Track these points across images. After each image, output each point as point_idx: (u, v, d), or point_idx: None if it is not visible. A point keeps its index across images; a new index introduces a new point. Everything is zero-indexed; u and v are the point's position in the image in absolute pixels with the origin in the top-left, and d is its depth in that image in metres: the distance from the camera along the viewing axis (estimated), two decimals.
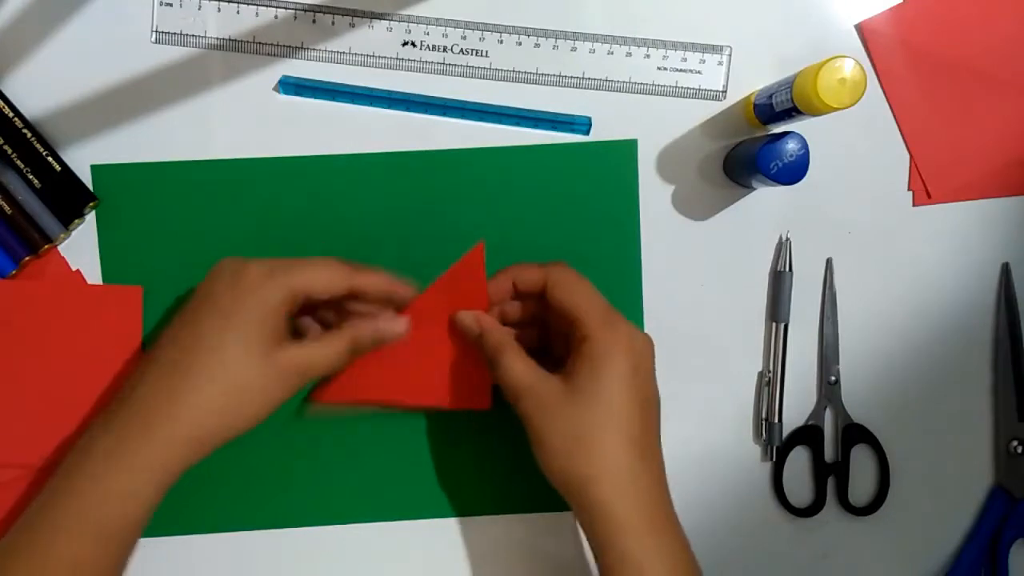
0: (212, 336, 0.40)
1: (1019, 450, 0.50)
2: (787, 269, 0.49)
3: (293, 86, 0.48)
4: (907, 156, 0.49)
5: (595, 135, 0.49)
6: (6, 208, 0.47)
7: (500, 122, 0.49)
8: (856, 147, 0.49)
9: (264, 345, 0.40)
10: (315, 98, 0.48)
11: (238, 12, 0.48)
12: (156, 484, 0.39)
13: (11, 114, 0.47)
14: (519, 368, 0.41)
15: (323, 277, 0.41)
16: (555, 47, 0.48)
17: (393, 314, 0.45)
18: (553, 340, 0.46)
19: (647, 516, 0.39)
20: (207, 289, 0.41)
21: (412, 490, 0.50)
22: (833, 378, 0.50)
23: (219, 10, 0.48)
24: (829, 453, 0.50)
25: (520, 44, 0.48)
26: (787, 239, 0.49)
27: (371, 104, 0.48)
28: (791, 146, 0.44)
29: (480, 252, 0.44)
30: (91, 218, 0.48)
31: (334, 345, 0.42)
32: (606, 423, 0.39)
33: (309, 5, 0.48)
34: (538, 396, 0.40)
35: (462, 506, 0.50)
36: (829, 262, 0.50)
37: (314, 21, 0.48)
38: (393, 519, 0.50)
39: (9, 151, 0.47)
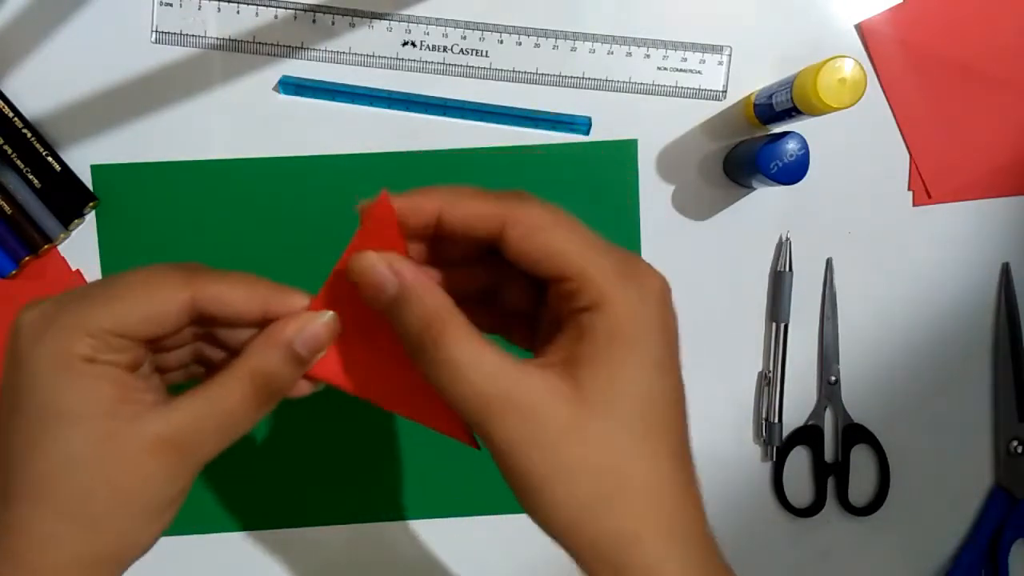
0: (20, 442, 0.26)
1: (1019, 450, 0.50)
2: (787, 269, 0.49)
3: (293, 86, 0.48)
4: (907, 156, 0.49)
5: (595, 135, 0.49)
6: (6, 208, 0.47)
7: (500, 122, 0.49)
8: (856, 147, 0.49)
9: (98, 428, 0.25)
10: (315, 98, 0.48)
11: (238, 12, 0.48)
12: None
13: (11, 114, 0.47)
14: (484, 362, 0.25)
15: (151, 306, 0.26)
16: (555, 47, 0.48)
17: (301, 307, 0.28)
18: (508, 321, 0.30)
19: (702, 555, 0.26)
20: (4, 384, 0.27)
21: (411, 490, 0.50)
22: (833, 378, 0.50)
23: (219, 10, 0.48)
24: (829, 453, 0.50)
25: (520, 44, 0.48)
26: (787, 239, 0.49)
27: (371, 104, 0.48)
28: (791, 146, 0.44)
29: (385, 203, 0.28)
30: (91, 218, 0.48)
31: (228, 390, 0.27)
32: (647, 439, 0.25)
33: (309, 5, 0.48)
34: (527, 415, 0.24)
35: (461, 506, 0.50)
36: (829, 262, 0.50)
37: (314, 21, 0.48)
38: (393, 519, 0.50)
39: (9, 151, 0.47)
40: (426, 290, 0.26)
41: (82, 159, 0.48)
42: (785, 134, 0.44)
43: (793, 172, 0.44)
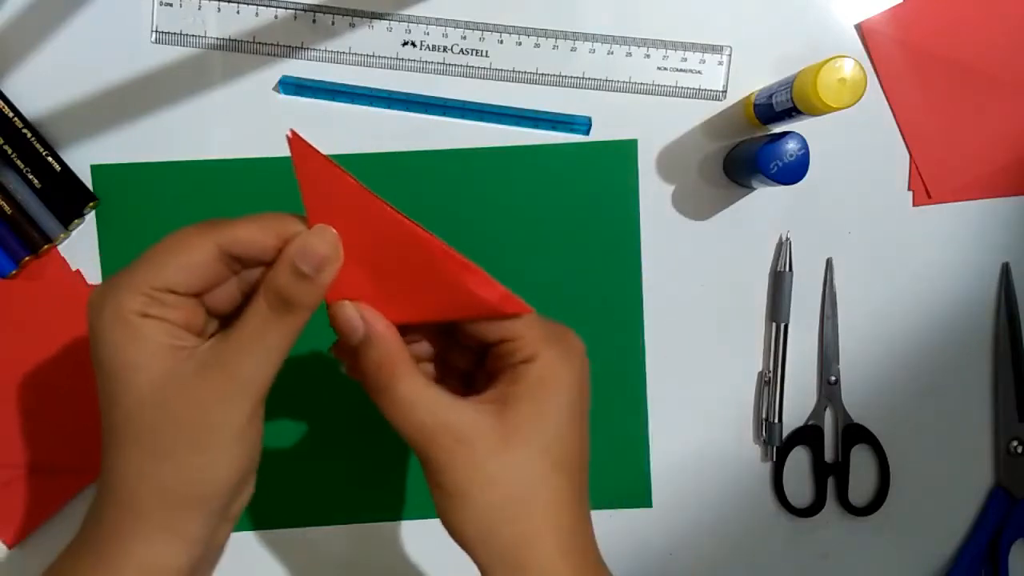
0: (103, 395, 0.30)
1: (1019, 450, 0.50)
2: (787, 269, 0.49)
3: (293, 86, 0.48)
4: (907, 156, 0.49)
5: (595, 135, 0.49)
6: (6, 208, 0.47)
7: (500, 122, 0.49)
8: (856, 147, 0.49)
9: (157, 372, 0.29)
10: (315, 98, 0.48)
11: (238, 12, 0.48)
12: None
13: (11, 114, 0.47)
14: (425, 398, 0.30)
15: (182, 258, 0.30)
16: (555, 47, 0.48)
17: (300, 229, 0.30)
18: (451, 352, 0.35)
19: (592, 566, 0.32)
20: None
21: (412, 490, 0.50)
22: (833, 378, 0.50)
23: (219, 10, 0.48)
24: (829, 453, 0.50)
25: (520, 44, 0.48)
26: (787, 239, 0.49)
27: (371, 104, 0.48)
28: (791, 146, 0.44)
29: (299, 140, 0.32)
30: (91, 218, 0.48)
31: (251, 315, 0.30)
32: (555, 469, 0.31)
33: (309, 5, 0.48)
34: (460, 439, 0.30)
35: None
36: (829, 262, 0.50)
37: (314, 21, 0.48)
38: (393, 519, 0.50)
39: (9, 151, 0.47)
40: (383, 337, 0.31)
41: (82, 159, 0.48)
42: (785, 134, 0.44)
43: (793, 172, 0.44)
